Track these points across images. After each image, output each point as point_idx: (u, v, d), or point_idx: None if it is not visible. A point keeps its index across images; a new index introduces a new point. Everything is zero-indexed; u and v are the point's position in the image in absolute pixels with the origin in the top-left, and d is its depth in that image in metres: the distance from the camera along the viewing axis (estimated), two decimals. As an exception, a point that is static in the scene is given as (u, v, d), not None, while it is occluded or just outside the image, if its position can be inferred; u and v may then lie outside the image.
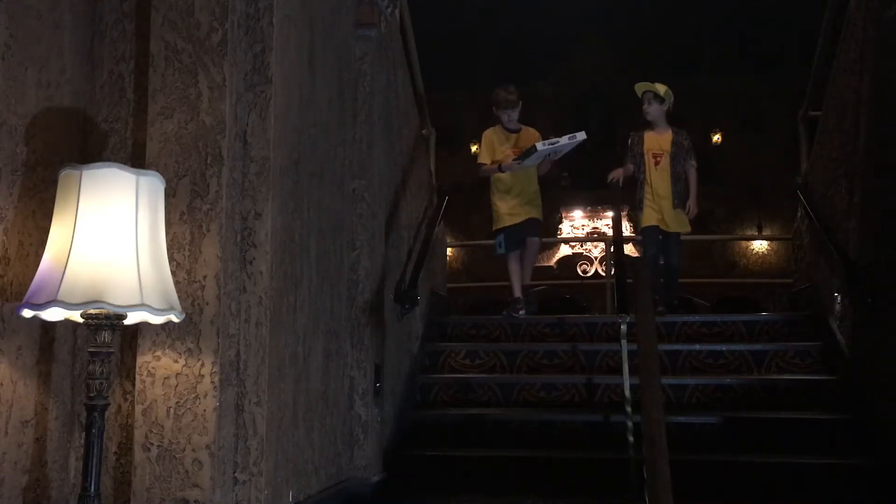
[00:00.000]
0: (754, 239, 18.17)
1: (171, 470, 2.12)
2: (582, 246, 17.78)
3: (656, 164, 5.36)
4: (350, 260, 3.58)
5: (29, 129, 2.08)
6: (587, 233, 18.55)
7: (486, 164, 5.57)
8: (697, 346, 4.86)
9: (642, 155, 5.43)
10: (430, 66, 6.25)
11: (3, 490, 1.95)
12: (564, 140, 5.05)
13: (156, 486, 2.12)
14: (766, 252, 18.60)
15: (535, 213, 5.58)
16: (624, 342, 3.83)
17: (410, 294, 4.36)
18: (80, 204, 1.83)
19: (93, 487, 1.85)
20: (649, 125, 5.50)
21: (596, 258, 16.88)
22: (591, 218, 19.45)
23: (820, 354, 4.76)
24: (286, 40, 2.58)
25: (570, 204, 19.31)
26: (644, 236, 5.46)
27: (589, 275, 15.90)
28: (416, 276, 4.55)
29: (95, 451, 1.86)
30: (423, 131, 6.00)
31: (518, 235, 5.54)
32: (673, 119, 5.60)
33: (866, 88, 4.31)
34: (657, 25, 18.75)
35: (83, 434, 1.90)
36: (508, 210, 5.52)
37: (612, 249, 6.57)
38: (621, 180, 5.53)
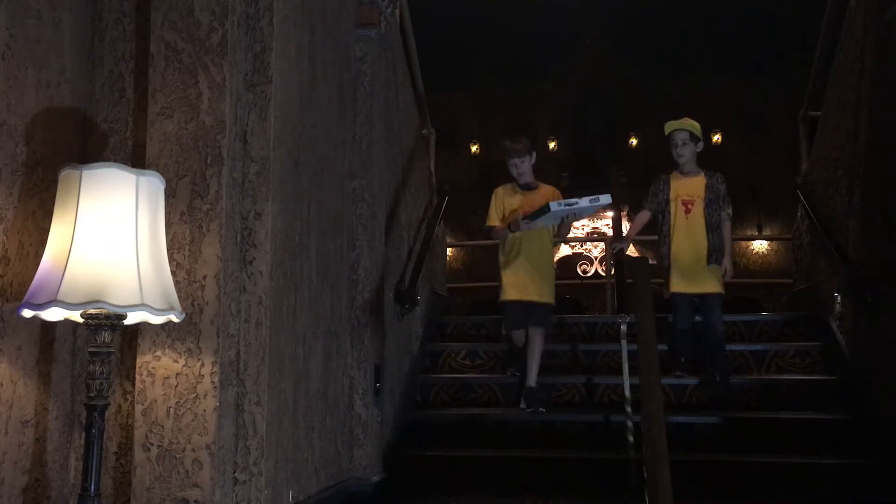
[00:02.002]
0: (754, 239, 18.16)
1: (171, 470, 2.12)
2: (582, 246, 17.76)
3: (687, 212, 4.46)
4: (350, 260, 3.58)
5: (29, 129, 2.08)
6: (587, 233, 18.53)
7: (494, 227, 4.62)
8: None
9: (668, 202, 4.53)
10: (430, 66, 6.24)
11: (3, 490, 1.95)
12: (584, 202, 4.21)
13: (156, 486, 2.12)
14: (766, 252, 18.60)
15: (545, 295, 4.51)
16: (624, 342, 3.83)
17: (410, 294, 4.36)
18: (80, 204, 1.83)
19: (93, 487, 1.85)
20: (676, 166, 4.64)
21: (596, 258, 16.86)
22: (591, 218, 19.42)
23: (820, 354, 4.76)
24: (286, 40, 2.58)
25: (570, 204, 19.27)
26: (674, 305, 4.51)
27: (589, 275, 15.88)
28: (416, 275, 4.56)
29: (95, 451, 1.86)
30: (423, 131, 6.00)
31: (520, 316, 4.51)
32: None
33: (866, 88, 4.31)
34: (657, 25, 18.74)
35: (83, 434, 1.90)
36: (512, 281, 4.52)
37: (612, 249, 6.56)
38: (627, 248, 4.75)
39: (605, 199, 4.23)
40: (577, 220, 4.60)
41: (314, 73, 2.97)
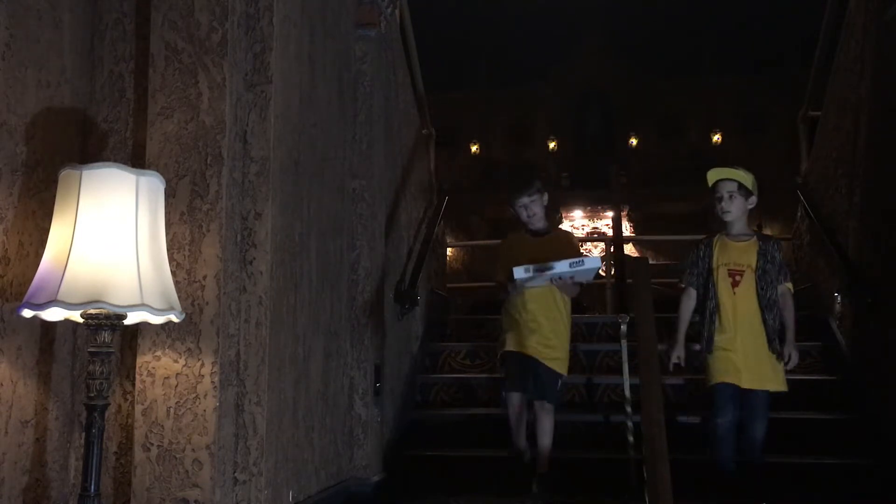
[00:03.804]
0: (754, 239, 18.19)
1: (171, 470, 2.12)
2: (582, 246, 17.78)
3: (734, 284, 3.54)
4: (350, 260, 3.59)
5: (29, 129, 2.08)
6: (587, 233, 18.53)
7: (498, 282, 3.96)
8: (697, 346, 4.85)
9: (711, 271, 3.61)
10: (430, 66, 6.24)
11: (3, 490, 1.95)
12: (562, 267, 3.55)
13: (156, 486, 2.12)
14: (766, 252, 18.61)
15: (551, 357, 3.73)
16: (624, 342, 3.83)
17: (410, 294, 4.36)
18: (80, 204, 1.83)
19: (93, 487, 1.85)
20: (723, 226, 3.68)
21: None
22: (591, 218, 19.43)
23: (820, 354, 4.76)
24: (286, 40, 2.58)
25: (570, 204, 19.31)
26: (717, 396, 3.55)
27: (589, 275, 15.87)
28: (416, 276, 4.56)
29: (95, 451, 1.86)
30: (423, 131, 6.00)
31: (523, 372, 3.76)
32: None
33: (866, 88, 4.31)
34: (657, 25, 18.76)
35: (83, 434, 1.90)
36: (513, 332, 3.82)
37: (612, 249, 6.58)
38: (683, 360, 3.69)
39: (592, 262, 3.62)
40: (578, 279, 3.73)
41: (314, 73, 2.97)
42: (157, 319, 1.95)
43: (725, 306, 3.56)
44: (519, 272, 3.50)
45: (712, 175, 3.65)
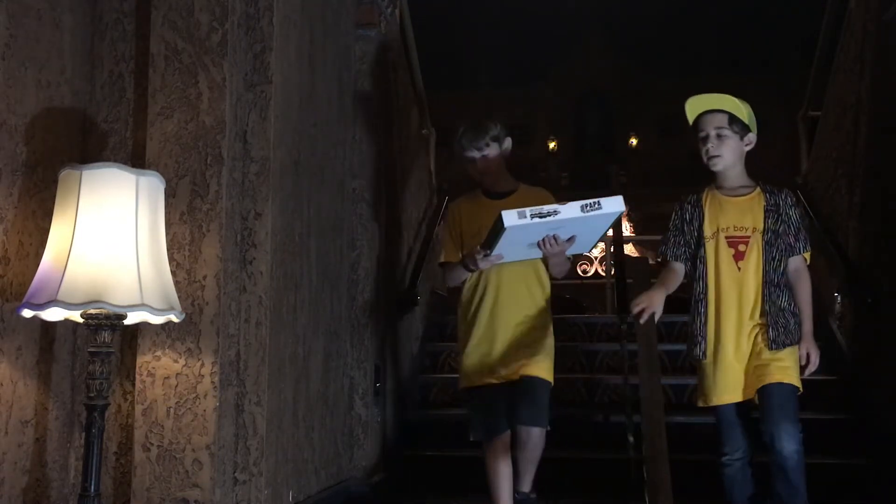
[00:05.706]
0: (754, 239, 18.18)
1: (171, 470, 2.12)
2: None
3: (738, 257, 2.60)
4: (350, 260, 3.59)
5: (29, 129, 2.08)
6: (587, 232, 18.51)
7: (448, 263, 2.94)
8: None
9: (702, 240, 2.66)
10: (430, 66, 6.24)
11: (3, 490, 1.95)
12: (571, 210, 2.42)
13: (156, 486, 2.12)
14: (766, 252, 18.61)
15: (533, 366, 2.80)
16: (624, 342, 3.83)
17: (410, 294, 4.36)
18: (80, 204, 1.83)
19: (93, 487, 1.85)
20: (713, 178, 2.72)
21: (596, 258, 16.87)
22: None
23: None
24: (286, 40, 2.58)
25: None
26: (719, 424, 2.68)
27: (589, 275, 15.87)
28: (416, 276, 4.56)
29: (95, 451, 1.86)
30: (423, 131, 6.00)
31: (497, 408, 2.81)
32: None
33: (866, 88, 4.31)
34: (658, 26, 18.78)
35: (83, 434, 1.90)
36: (477, 357, 2.85)
37: (612, 249, 6.57)
38: (657, 314, 2.64)
39: (612, 204, 2.42)
40: (576, 248, 2.69)
41: (314, 73, 2.97)
42: (157, 319, 1.95)
43: (726, 288, 2.60)
44: (511, 217, 2.35)
45: (693, 106, 2.65)
